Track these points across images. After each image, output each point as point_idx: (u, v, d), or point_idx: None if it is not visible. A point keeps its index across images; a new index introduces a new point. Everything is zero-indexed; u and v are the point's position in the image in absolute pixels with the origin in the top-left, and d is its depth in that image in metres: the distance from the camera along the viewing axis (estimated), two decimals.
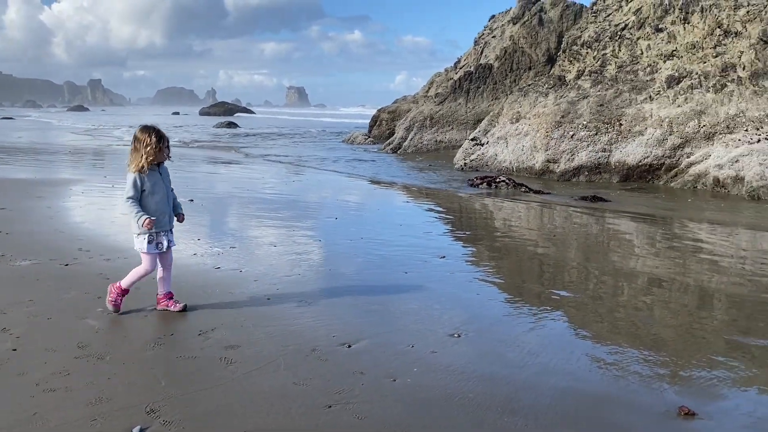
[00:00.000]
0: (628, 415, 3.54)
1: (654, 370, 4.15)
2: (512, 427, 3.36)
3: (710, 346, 4.68)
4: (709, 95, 14.11)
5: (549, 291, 6.11)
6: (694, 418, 3.50)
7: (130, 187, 4.73)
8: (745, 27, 14.13)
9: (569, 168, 15.00)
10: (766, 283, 6.49)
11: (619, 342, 4.71)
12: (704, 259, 7.70)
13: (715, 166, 13.28)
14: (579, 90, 15.93)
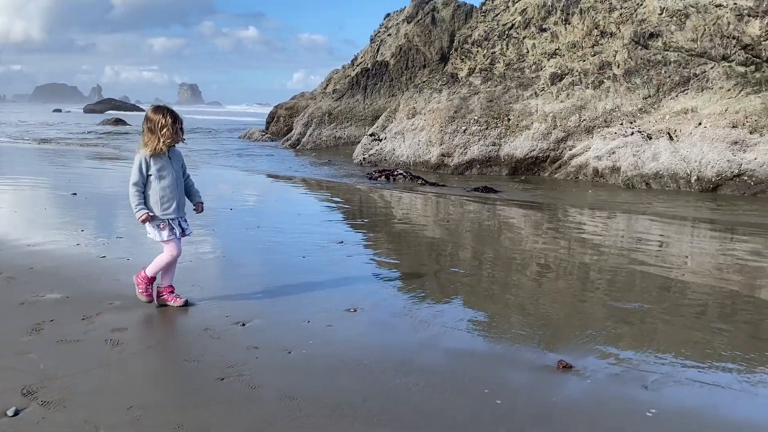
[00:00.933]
0: (513, 370, 3.75)
1: (537, 332, 4.40)
2: (405, 386, 3.46)
3: (588, 311, 5.03)
4: (589, 91, 15.10)
5: (442, 269, 6.32)
6: (571, 370, 3.75)
7: (136, 172, 4.46)
8: (618, 28, 15.24)
9: (462, 161, 15.53)
10: (637, 257, 7.05)
11: (507, 311, 4.96)
12: (585, 239, 8.25)
13: (594, 158, 14.21)
14: (470, 86, 16.54)
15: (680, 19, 14.39)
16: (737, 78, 13.69)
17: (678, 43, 14.39)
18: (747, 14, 13.75)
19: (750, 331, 4.63)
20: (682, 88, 14.23)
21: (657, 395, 3.45)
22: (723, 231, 9.26)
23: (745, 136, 12.91)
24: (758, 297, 5.61)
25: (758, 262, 7.07)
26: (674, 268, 6.67)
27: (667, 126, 13.89)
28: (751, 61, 13.75)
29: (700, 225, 9.85)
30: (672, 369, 3.81)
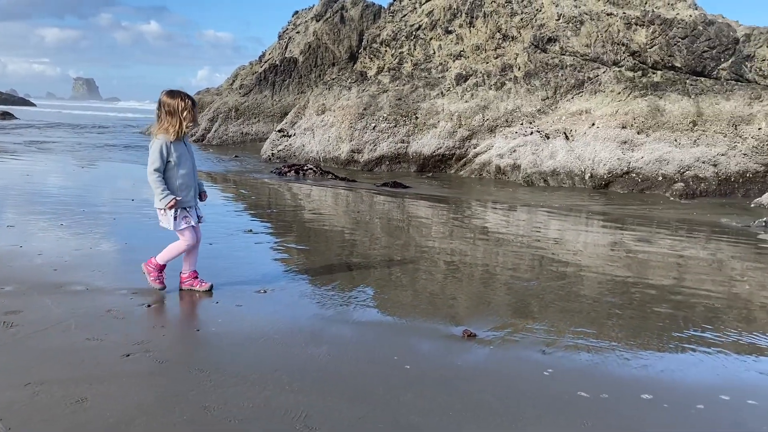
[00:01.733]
0: (421, 340, 3.88)
1: (444, 308, 4.58)
2: (316, 357, 3.51)
3: (491, 290, 5.27)
4: (492, 92, 15.71)
5: (352, 256, 6.40)
6: (475, 338, 3.94)
7: (157, 157, 4.27)
8: (520, 32, 15.97)
9: (372, 158, 15.71)
10: (536, 244, 7.45)
11: (415, 291, 5.11)
12: (489, 229, 8.60)
13: (497, 156, 14.80)
14: (379, 85, 16.78)
15: (576, 25, 15.28)
16: (626, 82, 14.70)
17: (574, 48, 15.27)
18: (635, 23, 14.80)
19: (633, 304, 5.03)
20: (577, 91, 15.11)
21: (553, 358, 3.69)
22: (613, 222, 9.93)
23: (633, 136, 13.88)
24: (641, 277, 6.08)
25: (642, 247, 7.66)
26: (569, 253, 7.11)
27: (564, 126, 14.70)
28: (639, 67, 14.81)
29: (593, 217, 10.51)
30: (566, 336, 4.08)
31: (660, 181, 13.28)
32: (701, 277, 6.10)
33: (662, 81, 14.46)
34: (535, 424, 2.88)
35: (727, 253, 7.64)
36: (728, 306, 5.07)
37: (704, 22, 14.32)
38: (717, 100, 13.90)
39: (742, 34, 14.22)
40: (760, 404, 3.19)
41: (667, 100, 14.07)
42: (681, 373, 3.58)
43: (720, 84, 14.07)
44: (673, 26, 14.35)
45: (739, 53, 14.01)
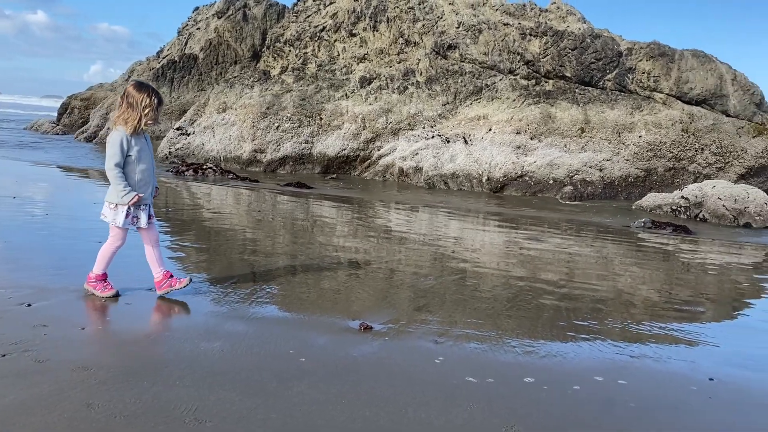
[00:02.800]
0: (318, 334, 3.92)
1: (343, 304, 4.63)
2: (210, 352, 3.45)
3: (390, 287, 5.38)
4: (395, 96, 15.99)
5: (252, 254, 6.32)
6: (372, 330, 4.02)
7: (117, 151, 4.04)
8: (421, 38, 16.36)
9: (275, 158, 15.54)
10: (432, 241, 7.66)
11: (316, 286, 5.12)
12: (391, 228, 8.75)
13: (400, 158, 15.07)
14: (283, 84, 16.63)
15: (474, 33, 15.85)
16: (521, 90, 15.41)
17: (472, 55, 15.83)
18: (529, 34, 15.56)
19: (523, 297, 5.30)
20: (476, 97, 15.67)
21: (444, 347, 3.83)
22: (508, 222, 10.39)
23: (526, 141, 14.56)
24: (532, 272, 6.41)
25: (534, 245, 8.07)
26: (467, 251, 7.37)
27: (463, 131, 15.19)
28: (533, 76, 15.56)
29: (489, 217, 10.94)
30: (458, 327, 4.25)
31: (551, 184, 14.01)
32: (586, 273, 6.51)
33: (554, 89, 15.28)
34: (423, 408, 2.98)
35: (610, 251, 8.19)
36: (609, 298, 5.45)
37: (591, 35, 15.28)
38: (603, 109, 14.86)
39: (624, 47, 15.29)
40: (628, 383, 3.47)
41: (558, 108, 14.88)
42: (561, 358, 3.82)
43: (605, 94, 15.06)
44: (564, 38, 15.22)
45: (622, 66, 15.07)
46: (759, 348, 4.39)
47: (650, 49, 15.00)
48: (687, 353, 4.07)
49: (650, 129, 14.36)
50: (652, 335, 4.41)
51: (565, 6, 16.50)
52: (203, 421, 2.67)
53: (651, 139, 14.24)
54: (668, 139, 14.22)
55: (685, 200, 12.06)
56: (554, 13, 16.35)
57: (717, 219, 11.45)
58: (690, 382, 3.54)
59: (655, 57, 14.94)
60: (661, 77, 14.84)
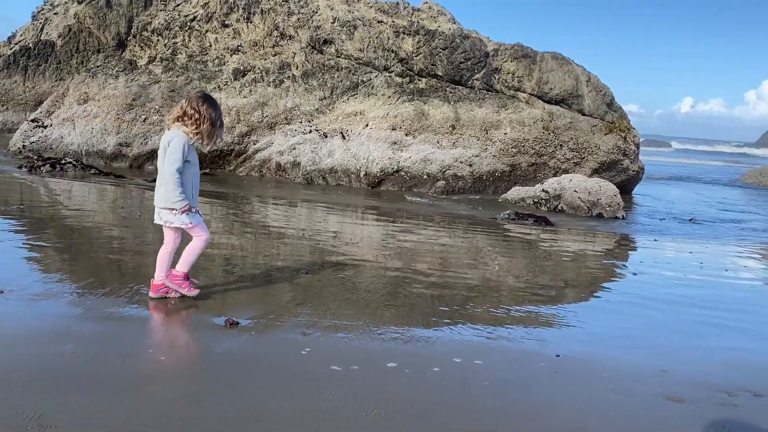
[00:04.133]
0: (180, 331, 3.82)
1: (211, 301, 4.51)
2: (61, 353, 3.25)
3: (264, 279, 5.32)
4: (270, 89, 15.74)
5: (115, 254, 6.00)
6: (238, 326, 3.96)
7: (180, 156, 4.09)
8: (297, 32, 16.22)
9: (143, 152, 14.79)
10: (311, 236, 7.67)
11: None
12: (268, 223, 8.64)
13: (277, 153, 14.88)
14: (151, 75, 15.85)
15: (350, 29, 15.96)
16: (396, 87, 15.73)
17: (348, 51, 15.94)
18: (402, 32, 15.90)
19: (394, 286, 5.44)
20: (352, 93, 15.80)
21: (312, 338, 3.86)
22: (385, 216, 10.60)
23: (402, 137, 14.91)
24: (406, 263, 6.60)
25: (409, 238, 8.30)
26: (345, 245, 7.44)
27: (341, 126, 15.28)
28: (407, 73, 15.94)
29: (367, 212, 11.11)
30: (327, 318, 4.29)
31: (425, 179, 14.46)
32: (455, 262, 6.80)
33: (427, 87, 15.74)
34: (287, 398, 2.99)
35: (478, 241, 8.60)
36: (475, 285, 5.73)
37: (461, 35, 15.90)
38: (472, 107, 15.52)
39: (491, 48, 16.05)
40: (484, 363, 3.68)
41: (431, 106, 15.36)
42: (424, 342, 3.98)
43: (474, 93, 15.74)
44: (436, 37, 15.71)
45: (489, 66, 15.82)
46: (604, 326, 4.80)
47: (514, 51, 15.87)
48: (539, 333, 4.38)
49: (515, 127, 15.21)
50: (510, 318, 4.69)
51: (437, 6, 17.04)
52: (48, 426, 2.51)
53: (515, 136, 15.09)
54: (531, 136, 15.14)
55: (545, 193, 12.91)
56: (426, 12, 16.84)
57: (574, 210, 12.35)
58: (539, 359, 3.81)
59: (518, 58, 15.83)
60: (524, 78, 15.75)
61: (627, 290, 6.16)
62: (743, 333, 4.70)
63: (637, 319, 5.02)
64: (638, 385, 3.48)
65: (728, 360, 4.03)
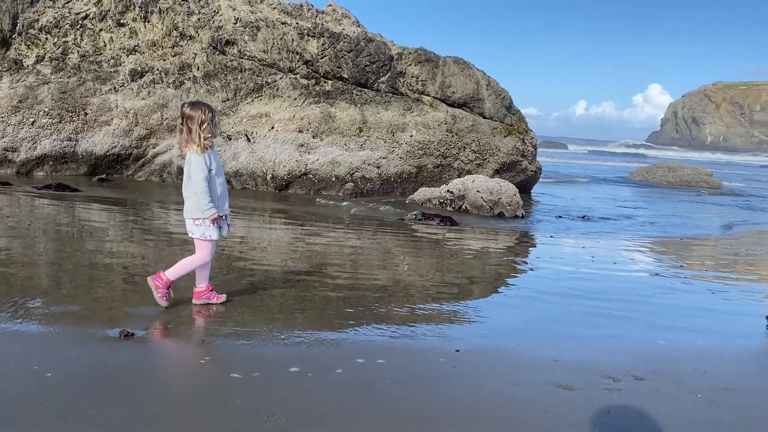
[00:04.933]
0: (71, 345, 3.61)
1: (107, 308, 4.31)
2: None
3: None
4: (170, 90, 15.21)
5: (2, 264, 5.61)
6: (133, 337, 3.81)
7: (204, 167, 4.29)
8: (197, 32, 15.76)
9: (32, 157, 13.90)
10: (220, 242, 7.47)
11: (77, 295, 4.70)
12: (171, 231, 8.33)
13: (178, 156, 14.39)
14: (39, 75, 14.90)
15: (253, 30, 15.70)
16: (301, 89, 15.63)
17: (252, 52, 15.67)
18: (307, 34, 15.83)
19: (302, 290, 5.41)
20: (257, 94, 15.56)
21: (212, 346, 3.78)
22: (293, 219, 10.51)
23: (309, 140, 14.84)
24: (316, 266, 6.57)
25: (319, 241, 8.28)
26: (252, 249, 7.31)
27: (245, 128, 15.00)
28: (312, 76, 15.88)
29: (275, 215, 10.98)
30: (229, 325, 4.21)
31: (334, 181, 14.47)
32: (363, 263, 6.84)
33: (333, 90, 15.75)
34: (183, 409, 2.91)
35: (387, 242, 8.69)
36: (382, 286, 5.79)
37: (365, 38, 16.03)
38: (378, 110, 15.68)
39: (395, 52, 16.28)
40: (387, 362, 3.73)
41: (338, 108, 15.39)
42: (328, 345, 3.98)
43: (380, 96, 15.91)
44: (340, 40, 15.75)
45: (394, 69, 16.04)
46: (502, 320, 4.99)
47: (417, 55, 16.19)
48: (441, 330, 4.49)
49: (420, 129, 15.51)
50: (415, 316, 4.79)
51: (341, 9, 17.09)
52: None
53: (421, 138, 15.39)
54: (436, 138, 15.49)
55: (450, 193, 13.25)
56: (330, 15, 16.85)
57: (477, 209, 12.75)
58: (440, 354, 3.91)
59: (422, 62, 16.16)
60: (428, 81, 16.10)
61: (525, 285, 6.43)
62: (627, 321, 5.03)
63: (533, 312, 5.25)
64: (531, 376, 3.64)
65: (613, 347, 4.30)
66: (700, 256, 9.22)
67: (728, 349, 4.43)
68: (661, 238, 10.87)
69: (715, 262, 8.61)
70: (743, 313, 5.64)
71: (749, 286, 6.94)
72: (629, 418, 3.19)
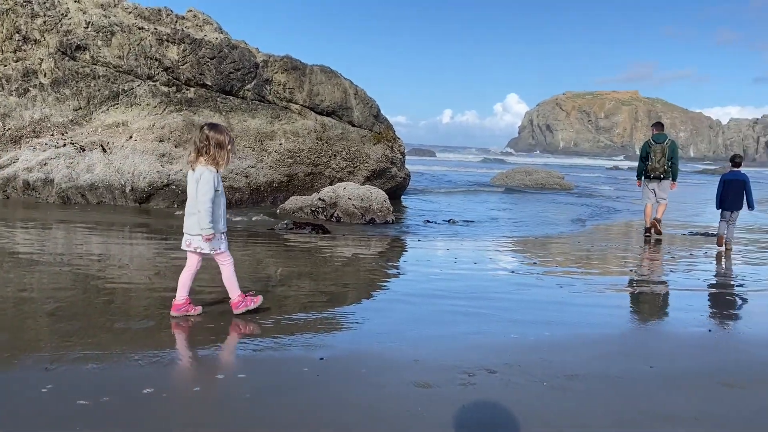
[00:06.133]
0: None
1: None
2: None
3: (15, 309, 4.68)
4: (13, 99, 13.98)
5: None
6: None
7: (211, 187, 4.62)
8: (44, 36, 14.61)
9: None
10: (69, 260, 6.95)
11: None
12: (17, 251, 7.63)
13: (24, 170, 13.27)
14: None
15: (106, 35, 14.82)
16: (162, 96, 14.97)
17: (106, 58, 14.78)
18: (167, 40, 15.20)
19: (157, 308, 5.16)
20: (113, 102, 14.70)
21: (56, 373, 3.51)
22: (156, 233, 10.01)
23: (171, 149, 14.23)
24: (177, 282, 6.29)
25: (181, 254, 7.94)
26: (107, 267, 6.86)
27: (100, 138, 14.12)
28: (173, 83, 15.26)
29: (136, 230, 10.39)
30: (77, 350, 3.93)
31: None
32: (242, 277, 6.64)
33: (196, 97, 15.24)
34: None
35: (259, 254, 8.52)
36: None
37: (229, 45, 15.68)
38: (245, 118, 15.39)
39: (261, 59, 16.07)
40: (248, 376, 3.66)
41: (201, 116, 14.90)
42: (187, 363, 3.84)
43: (246, 103, 15.62)
44: (202, 47, 15.28)
45: (260, 77, 15.82)
46: (368, 324, 5.07)
47: (284, 63, 16.10)
48: (306, 339, 4.48)
49: (289, 137, 15.42)
50: (281, 327, 4.74)
51: (202, 15, 16.61)
52: None
53: (290, 146, 15.30)
54: (305, 146, 15.47)
55: (322, 201, 13.28)
56: (191, 21, 16.31)
57: (349, 217, 12.88)
58: (304, 364, 3.90)
59: (288, 70, 16.08)
60: (295, 89, 16.05)
61: (393, 288, 6.58)
62: (484, 318, 5.31)
63: (399, 314, 5.38)
64: (392, 377, 3.73)
65: (469, 343, 4.51)
66: (552, 253, 9.93)
67: (572, 339, 4.81)
68: (519, 237, 11.59)
69: (565, 258, 9.32)
70: (586, 304, 6.14)
71: (593, 279, 7.58)
72: (482, 410, 3.36)
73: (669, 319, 5.77)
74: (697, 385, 3.89)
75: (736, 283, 7.82)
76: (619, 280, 7.77)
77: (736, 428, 3.32)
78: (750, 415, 3.49)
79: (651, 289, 7.14)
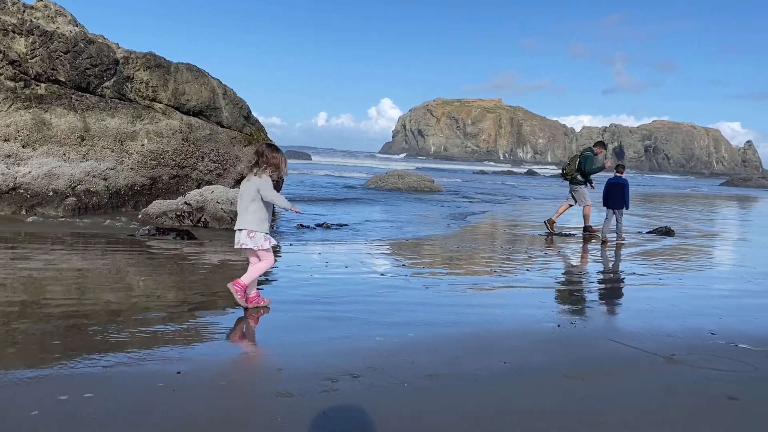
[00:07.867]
0: None
1: None
2: None
3: None
4: None
5: None
6: None
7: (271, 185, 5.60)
8: None
9: None
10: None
11: None
12: None
13: None
14: None
15: None
16: (7, 92, 13.66)
17: None
18: (12, 30, 13.89)
19: (27, 322, 4.69)
20: None
21: None
22: (2, 243, 9.11)
23: (18, 149, 13.03)
24: (21, 297, 5.74)
25: (29, 264, 7.27)
26: None
27: None
28: (21, 78, 13.98)
29: None
30: None
31: (52, 196, 12.93)
32: (87, 287, 6.17)
33: (47, 94, 14.07)
34: None
35: (117, 262, 7.99)
36: (105, 311, 5.28)
37: (85, 39, 14.62)
38: (103, 117, 14.42)
39: (121, 56, 15.14)
40: (96, 395, 3.41)
41: (54, 114, 13.78)
42: (24, 385, 3.51)
43: (105, 101, 14.65)
44: (55, 40, 14.14)
45: (120, 74, 14.91)
46: (237, 334, 4.92)
47: (147, 60, 15.30)
48: (163, 352, 4.26)
49: (152, 138, 14.66)
50: (136, 340, 4.47)
51: (54, 6, 15.35)
52: None
53: (154, 147, 14.56)
54: (170, 147, 14.79)
55: (188, 206, 12.76)
56: (42, 11, 15.03)
57: (217, 221, 12.48)
58: (158, 379, 3.71)
59: (152, 68, 15.30)
60: (159, 88, 15.30)
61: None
62: (351, 322, 5.34)
63: (266, 322, 5.28)
64: (254, 388, 3.65)
65: (335, 349, 4.52)
66: (421, 255, 10.22)
67: (434, 339, 4.96)
68: (391, 240, 11.81)
69: (433, 260, 9.63)
70: (449, 304, 6.38)
71: (457, 279, 7.89)
72: (343, 416, 3.37)
73: (523, 316, 6.13)
74: (546, 380, 4.16)
75: (584, 280, 8.48)
76: (481, 279, 8.15)
77: (579, 418, 3.57)
78: (593, 403, 3.78)
79: (508, 288, 7.56)
